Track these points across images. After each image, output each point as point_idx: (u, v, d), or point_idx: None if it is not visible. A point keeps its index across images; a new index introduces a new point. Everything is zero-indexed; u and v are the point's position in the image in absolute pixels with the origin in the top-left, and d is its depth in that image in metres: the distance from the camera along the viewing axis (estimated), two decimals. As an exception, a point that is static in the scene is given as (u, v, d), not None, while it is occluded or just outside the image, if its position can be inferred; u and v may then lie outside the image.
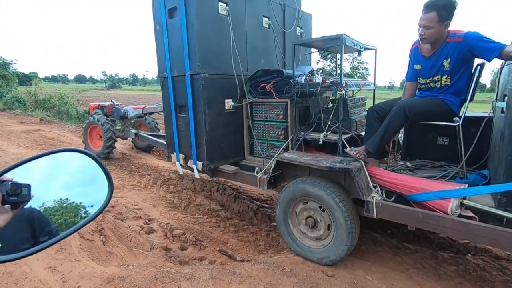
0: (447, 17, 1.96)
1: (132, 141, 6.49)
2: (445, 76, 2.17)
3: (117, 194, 3.86)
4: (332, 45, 2.74)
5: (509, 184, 1.68)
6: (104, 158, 5.40)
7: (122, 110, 5.56)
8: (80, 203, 0.80)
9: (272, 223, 3.31)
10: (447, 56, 2.09)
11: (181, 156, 3.05)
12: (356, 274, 2.24)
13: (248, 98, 2.95)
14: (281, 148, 2.80)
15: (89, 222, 0.78)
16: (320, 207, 2.28)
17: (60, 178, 0.78)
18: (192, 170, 2.99)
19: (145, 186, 4.30)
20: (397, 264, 2.44)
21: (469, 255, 2.63)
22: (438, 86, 2.23)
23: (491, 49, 1.87)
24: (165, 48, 2.86)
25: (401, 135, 2.80)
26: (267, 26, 3.24)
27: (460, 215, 1.83)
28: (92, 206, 0.81)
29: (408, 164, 2.55)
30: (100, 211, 0.80)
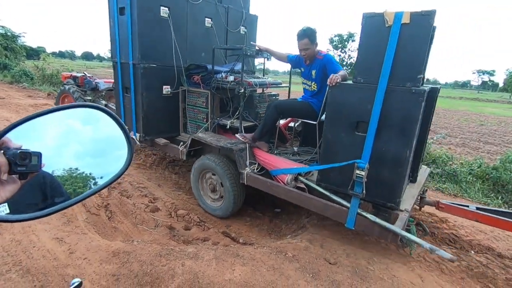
0: (315, 40, 2.70)
1: None
2: (314, 83, 2.84)
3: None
4: (238, 53, 3.33)
5: (312, 167, 2.55)
6: None
7: (94, 82, 5.93)
8: (90, 173, 0.77)
9: (276, 209, 3.32)
10: (314, 68, 2.79)
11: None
12: (358, 263, 2.24)
13: (183, 86, 3.48)
14: (201, 128, 3.40)
15: (104, 187, 0.73)
16: (218, 177, 2.98)
17: (71, 145, 0.75)
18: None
19: (150, 165, 4.32)
20: (400, 257, 2.44)
21: (472, 252, 2.62)
22: (310, 90, 2.90)
23: (334, 70, 2.47)
24: (116, 38, 3.38)
25: (297, 124, 3.53)
26: (209, 25, 3.76)
27: (296, 186, 2.53)
28: (101, 177, 0.78)
29: (295, 148, 3.18)
30: (118, 176, 0.75)
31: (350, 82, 2.23)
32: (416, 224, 2.56)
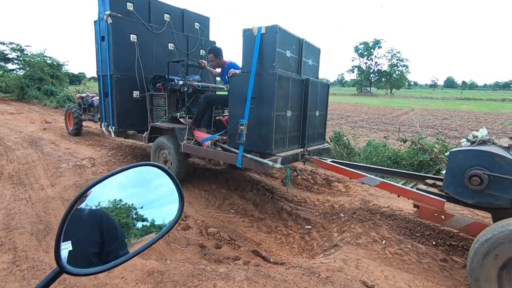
0: (218, 55, 4.04)
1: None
2: (228, 85, 3.64)
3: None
4: (182, 64, 4.46)
5: (218, 133, 3.68)
6: (74, 135, 7.50)
7: (90, 100, 7.36)
8: (132, 204, 0.81)
9: (307, 226, 3.24)
10: (226, 74, 3.88)
11: (106, 124, 4.97)
12: (398, 287, 2.10)
13: (150, 91, 4.71)
14: (160, 121, 4.52)
15: (161, 237, 0.79)
16: (168, 152, 4.13)
17: (115, 177, 0.80)
18: (110, 132, 4.90)
19: (180, 183, 4.45)
20: (444, 279, 2.25)
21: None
22: (228, 89, 3.66)
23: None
24: (99, 58, 4.78)
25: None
26: (172, 49, 5.17)
27: (215, 148, 3.54)
28: (142, 207, 0.83)
29: None
30: (171, 227, 0.82)
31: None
32: (294, 170, 3.84)
